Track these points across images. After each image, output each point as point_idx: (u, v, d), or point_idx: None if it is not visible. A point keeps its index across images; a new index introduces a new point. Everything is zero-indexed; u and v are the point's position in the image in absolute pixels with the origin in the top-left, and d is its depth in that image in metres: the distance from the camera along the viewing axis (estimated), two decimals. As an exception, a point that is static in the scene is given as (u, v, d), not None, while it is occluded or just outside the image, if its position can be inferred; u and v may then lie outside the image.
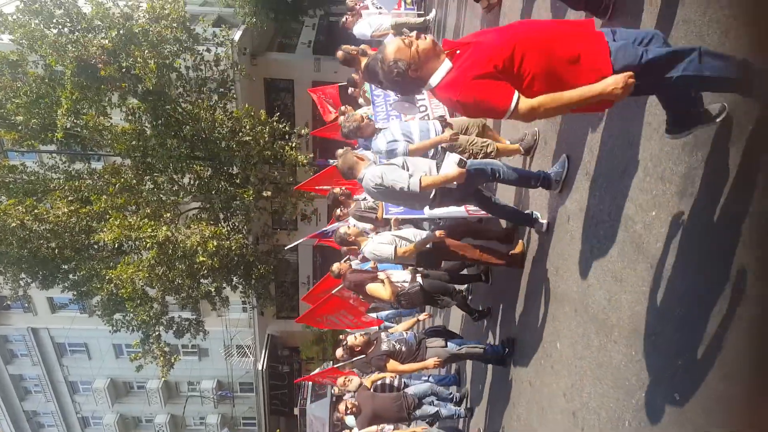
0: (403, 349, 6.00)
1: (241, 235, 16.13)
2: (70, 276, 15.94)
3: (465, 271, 7.17)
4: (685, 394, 2.78)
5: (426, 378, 8.21)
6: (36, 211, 13.78)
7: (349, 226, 6.06)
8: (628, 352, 3.33)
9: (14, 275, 15.15)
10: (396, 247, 5.32)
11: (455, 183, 4.35)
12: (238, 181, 15.86)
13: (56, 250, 14.59)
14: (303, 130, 16.59)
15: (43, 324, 26.53)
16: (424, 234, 5.65)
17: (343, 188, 7.67)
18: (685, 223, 2.84)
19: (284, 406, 29.53)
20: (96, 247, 15.46)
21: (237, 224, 16.85)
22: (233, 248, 14.98)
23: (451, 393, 8.00)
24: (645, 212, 3.19)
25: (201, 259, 13.88)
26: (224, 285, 17.15)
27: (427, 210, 5.33)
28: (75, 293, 16.59)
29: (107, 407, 29.54)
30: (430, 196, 4.55)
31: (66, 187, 15.23)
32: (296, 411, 25.74)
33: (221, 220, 16.42)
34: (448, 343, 6.13)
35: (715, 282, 2.55)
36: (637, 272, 3.26)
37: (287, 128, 16.22)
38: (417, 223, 6.23)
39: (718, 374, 2.53)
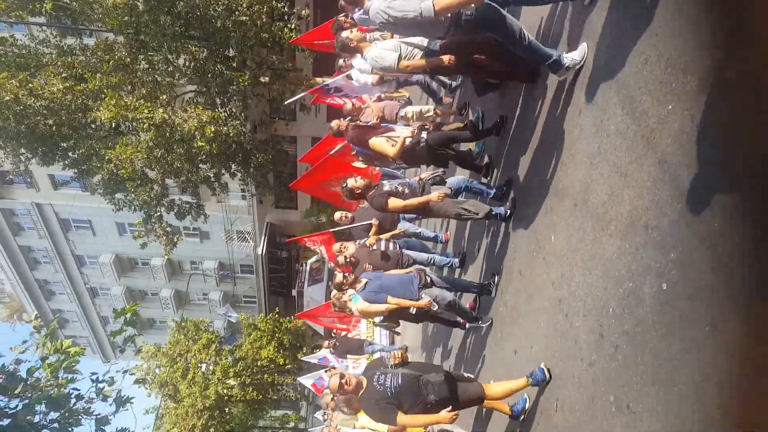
0: (406, 191, 5.76)
1: (238, 122, 15.95)
2: (70, 154, 15.97)
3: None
4: (672, 284, 2.86)
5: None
6: (30, 85, 13.53)
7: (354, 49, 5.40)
8: (622, 245, 3.39)
9: (14, 150, 15.18)
10: (400, 55, 4.86)
11: (473, 6, 3.96)
12: (234, 64, 15.38)
13: (54, 127, 14.50)
14: (303, 11, 15.77)
15: (47, 200, 26.93)
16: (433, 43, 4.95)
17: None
18: (702, 119, 2.76)
19: (283, 288, 30.80)
20: (93, 126, 15.37)
21: (234, 110, 16.59)
22: (231, 135, 14.88)
23: (449, 259, 7.99)
24: (661, 106, 3.10)
25: (199, 144, 13.84)
26: (223, 171, 17.24)
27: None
28: (75, 171, 16.73)
29: (114, 280, 30.77)
30: (445, 24, 4.11)
31: (59, 63, 14.84)
32: (294, 293, 26.92)
33: (218, 105, 16.15)
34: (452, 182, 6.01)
35: (721, 178, 2.53)
36: (643, 168, 3.22)
37: (286, 9, 15.44)
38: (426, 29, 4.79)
39: (708, 266, 2.59)
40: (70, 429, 3.87)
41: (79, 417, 4.04)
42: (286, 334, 23.30)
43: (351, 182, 5.84)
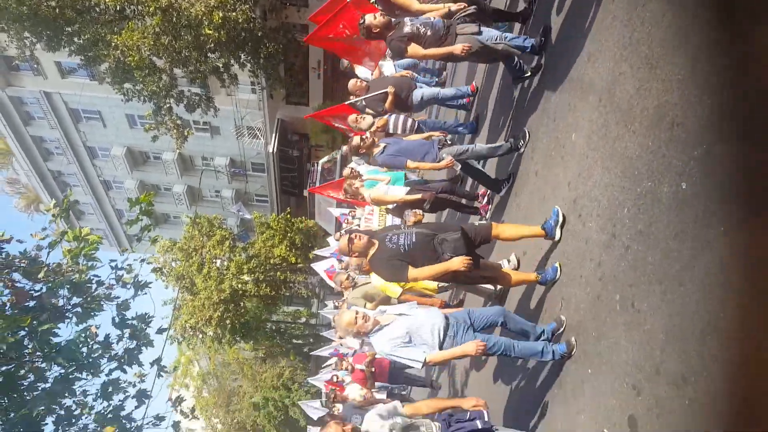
0: (429, 33, 5.12)
1: (247, 6, 15.23)
2: (75, 39, 15.50)
3: None
4: (692, 184, 2.80)
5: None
6: (30, -36, 12.92)
7: None
8: (645, 142, 3.29)
9: (18, 33, 14.75)
10: None
11: None
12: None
13: (57, 9, 13.98)
14: None
15: (55, 88, 26.56)
16: None
17: None
18: (735, 14, 2.57)
19: (294, 187, 31.00)
20: (98, 9, 14.78)
21: (243, -6, 15.79)
22: (240, 21, 14.28)
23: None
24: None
25: (207, 31, 13.35)
26: (232, 61, 16.77)
27: None
28: (82, 58, 16.34)
29: (127, 173, 31.00)
30: None
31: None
32: (305, 193, 27.14)
33: (226, -12, 15.39)
34: (483, 31, 5.15)
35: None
36: (675, 59, 3.06)
37: None
38: None
39: (733, 166, 2.51)
40: (92, 314, 3.99)
41: (101, 303, 4.15)
42: (298, 234, 23.74)
43: (369, 18, 5.24)
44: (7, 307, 3.41)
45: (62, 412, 3.76)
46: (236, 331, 22.36)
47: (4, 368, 3.26)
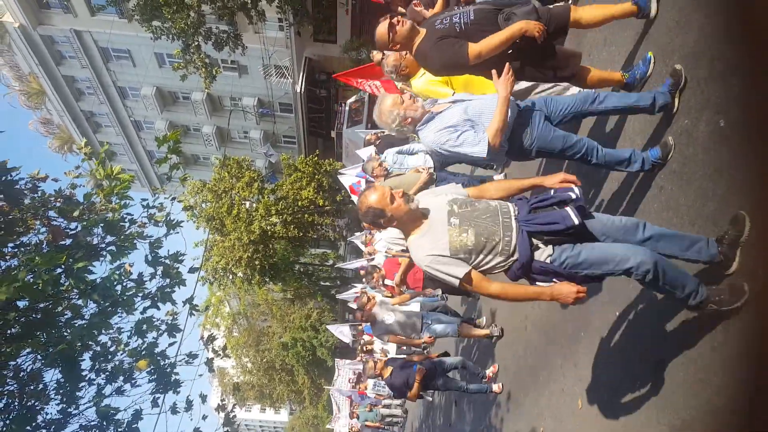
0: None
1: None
2: (103, -25, 15.34)
3: None
4: (731, 122, 2.66)
5: None
6: None
7: None
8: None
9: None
10: None
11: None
12: None
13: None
14: None
15: (85, 27, 26.50)
16: None
17: None
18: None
19: (321, 129, 30.86)
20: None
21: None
22: (267, -47, 13.89)
23: None
24: None
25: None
26: (259, -5, 16.44)
27: None
28: (111, -9, 16.18)
29: (157, 114, 31.22)
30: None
31: None
32: (333, 134, 27.00)
33: None
34: None
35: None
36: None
37: None
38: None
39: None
40: (126, 252, 4.04)
41: (134, 241, 4.20)
42: (326, 177, 23.81)
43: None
44: (43, 245, 3.51)
45: (98, 349, 3.93)
46: (265, 272, 22.92)
47: (42, 305, 3.39)
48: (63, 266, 3.25)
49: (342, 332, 18.73)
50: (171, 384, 4.21)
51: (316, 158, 24.13)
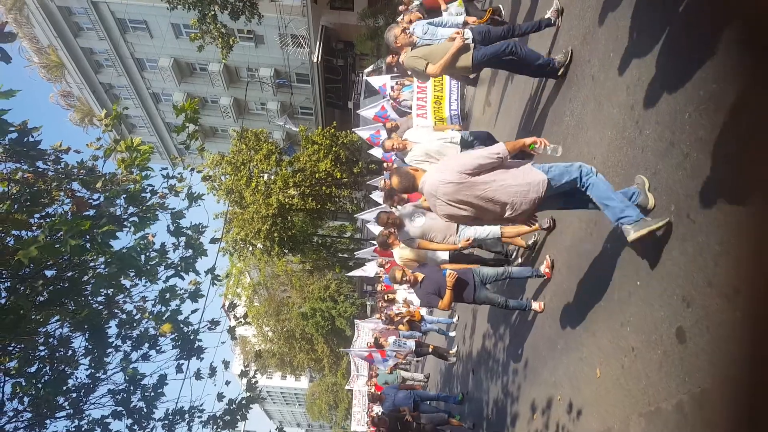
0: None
1: None
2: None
3: None
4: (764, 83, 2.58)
5: None
6: None
7: None
8: (711, 43, 3.03)
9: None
10: None
11: None
12: None
13: None
14: None
15: (101, -3, 26.50)
16: None
17: None
18: None
19: (339, 100, 30.67)
20: None
21: None
22: None
23: None
24: None
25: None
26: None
27: None
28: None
29: (174, 85, 31.30)
30: None
31: None
32: (350, 105, 26.83)
33: None
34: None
35: None
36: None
37: None
38: None
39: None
40: (149, 222, 4.09)
41: (156, 212, 4.25)
42: (343, 149, 23.74)
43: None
44: (68, 216, 3.57)
45: (123, 316, 4.03)
46: (284, 243, 23.12)
47: (69, 274, 3.47)
48: (88, 235, 3.30)
49: (365, 270, 18.92)
50: (194, 350, 4.31)
51: (333, 130, 24.04)
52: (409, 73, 6.83)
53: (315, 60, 26.92)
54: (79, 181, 3.89)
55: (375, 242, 12.35)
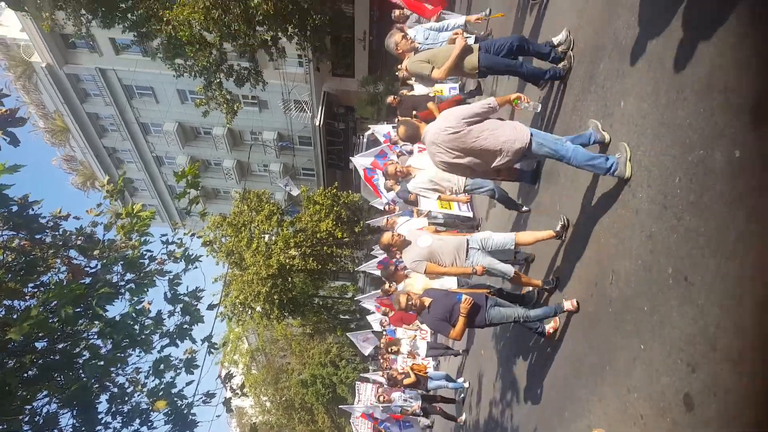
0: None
1: (294, -21, 15.24)
2: (129, 15, 15.87)
3: None
4: (747, 151, 2.64)
5: None
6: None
7: None
8: (696, 109, 3.12)
9: (75, 11, 15.23)
10: None
11: None
12: None
13: (112, -15, 14.32)
14: None
15: (110, 65, 27.33)
16: None
17: None
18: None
19: (340, 161, 31.14)
20: (151, -15, 15.10)
21: (290, -34, 15.79)
22: (287, -8, 14.30)
23: None
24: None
25: (255, 2, 13.42)
26: (280, 34, 16.84)
27: None
28: (135, 34, 16.71)
29: (178, 149, 31.84)
30: None
31: None
32: (351, 166, 27.18)
33: (273, -40, 15.38)
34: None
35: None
36: (729, 24, 2.87)
37: None
38: None
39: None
40: (146, 289, 4.06)
41: (154, 278, 4.22)
42: (344, 209, 23.86)
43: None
44: (63, 284, 3.55)
45: (115, 390, 3.91)
46: (284, 306, 22.82)
47: (61, 346, 3.40)
48: (82, 304, 3.28)
49: (365, 341, 18.17)
50: (188, 425, 4.15)
51: (335, 190, 24.25)
52: (413, 79, 6.81)
53: (317, 123, 27.52)
54: (77, 248, 3.90)
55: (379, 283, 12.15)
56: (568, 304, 5.09)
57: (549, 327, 5.50)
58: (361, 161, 13.13)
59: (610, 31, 4.62)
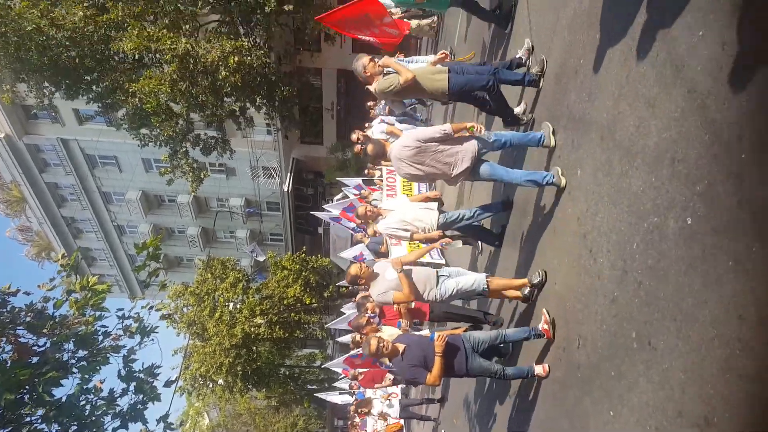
0: None
1: (262, 52, 15.61)
2: (94, 87, 15.92)
3: None
4: (697, 218, 2.74)
5: None
6: (52, 15, 13.34)
7: None
8: (648, 179, 3.26)
9: (37, 83, 15.17)
10: None
11: None
12: (257, -9, 14.96)
13: (77, 59, 14.40)
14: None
15: (72, 135, 27.09)
16: None
17: None
18: (733, 47, 2.55)
19: (309, 226, 31.08)
20: (117, 58, 15.23)
21: (258, 40, 16.23)
22: (255, 65, 14.61)
23: None
24: (692, 32, 2.88)
25: (223, 74, 13.64)
26: (248, 105, 17.08)
27: None
28: (100, 105, 16.73)
29: (141, 217, 31.29)
30: None
31: (79, -9, 14.53)
32: (320, 231, 27.15)
33: (241, 35, 15.81)
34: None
35: (752, 110, 2.34)
36: (671, 97, 3.07)
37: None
38: None
39: (734, 200, 2.46)
40: (98, 367, 3.88)
41: (107, 355, 4.05)
42: (313, 273, 23.51)
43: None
44: (7, 364, 3.35)
45: None
46: (248, 378, 21.99)
47: (0, 432, 3.16)
48: (27, 386, 3.08)
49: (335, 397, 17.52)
50: None
51: (303, 254, 23.96)
52: (383, 103, 6.98)
53: (286, 189, 27.60)
54: (26, 325, 3.71)
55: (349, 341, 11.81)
56: (539, 369, 4.98)
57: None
58: (329, 212, 13.21)
59: (564, 104, 4.84)
